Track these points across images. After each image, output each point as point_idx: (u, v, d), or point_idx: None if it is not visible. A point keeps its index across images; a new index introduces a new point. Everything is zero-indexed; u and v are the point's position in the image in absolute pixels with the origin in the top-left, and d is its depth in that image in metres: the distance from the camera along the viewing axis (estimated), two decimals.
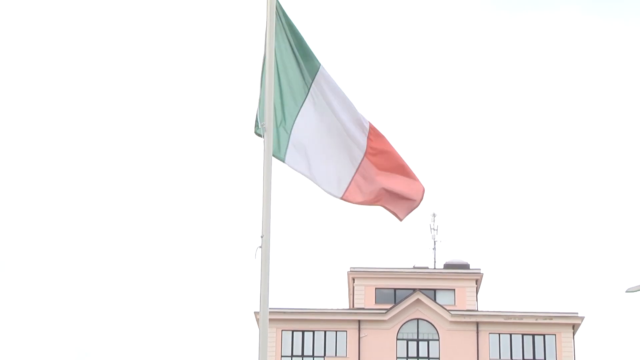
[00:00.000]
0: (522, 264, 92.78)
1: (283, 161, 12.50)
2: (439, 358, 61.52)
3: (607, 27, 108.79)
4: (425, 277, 64.09)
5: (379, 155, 12.70)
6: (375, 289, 64.17)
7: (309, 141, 12.82)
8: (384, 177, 12.61)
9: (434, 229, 66.58)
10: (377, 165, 12.65)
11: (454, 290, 63.94)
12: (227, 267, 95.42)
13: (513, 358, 61.25)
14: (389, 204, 12.45)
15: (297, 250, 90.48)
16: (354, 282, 64.78)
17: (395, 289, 63.84)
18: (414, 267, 65.29)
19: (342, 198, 12.52)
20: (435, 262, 66.06)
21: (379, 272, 64.63)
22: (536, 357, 61.17)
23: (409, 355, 61.80)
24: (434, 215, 67.25)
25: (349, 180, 12.66)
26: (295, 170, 12.64)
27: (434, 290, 63.51)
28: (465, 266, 65.18)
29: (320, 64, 13.03)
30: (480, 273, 64.78)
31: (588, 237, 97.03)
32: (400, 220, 12.45)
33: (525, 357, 61.19)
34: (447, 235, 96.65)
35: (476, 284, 64.63)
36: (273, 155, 12.42)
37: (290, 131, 12.81)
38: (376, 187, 12.57)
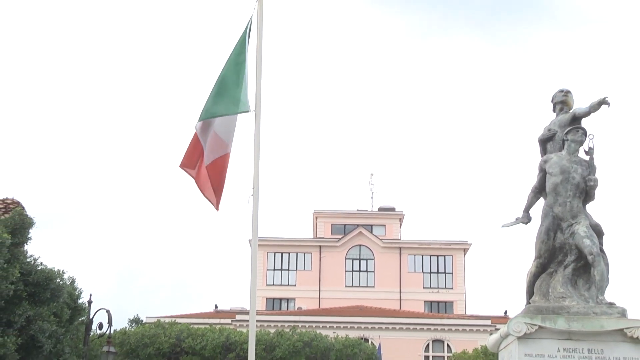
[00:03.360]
0: (431, 207, 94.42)
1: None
2: (374, 271, 62.13)
3: (492, 51, 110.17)
4: (365, 216, 65.08)
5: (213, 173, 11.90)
6: (332, 224, 64.80)
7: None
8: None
9: (371, 184, 68.26)
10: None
11: (385, 225, 64.64)
12: (230, 208, 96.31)
13: (423, 271, 61.95)
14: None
15: (278, 197, 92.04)
16: (316, 219, 65.56)
17: (345, 225, 64.33)
18: (358, 210, 66.20)
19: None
20: (372, 206, 67.19)
21: (334, 212, 65.43)
22: (439, 271, 61.98)
23: (354, 269, 62.37)
24: (371, 174, 69.23)
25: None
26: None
27: (371, 225, 64.18)
28: (392, 209, 66.12)
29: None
30: (402, 214, 65.93)
31: (476, 186, 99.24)
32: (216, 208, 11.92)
33: (431, 271, 61.99)
34: (380, 188, 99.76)
35: (400, 221, 65.52)
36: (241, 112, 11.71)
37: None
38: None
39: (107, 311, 25.61)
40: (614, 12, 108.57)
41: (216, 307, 59.07)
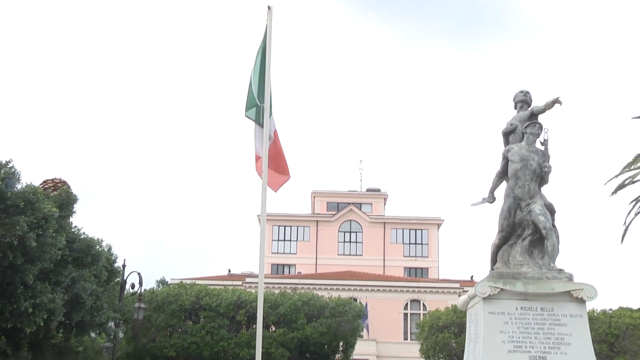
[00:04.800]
0: (411, 189, 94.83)
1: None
2: (362, 242, 61.90)
3: (462, 56, 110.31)
4: (355, 196, 64.83)
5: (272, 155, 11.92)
6: (327, 202, 64.48)
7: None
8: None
9: (360, 168, 68.43)
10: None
11: (372, 204, 64.42)
12: (241, 188, 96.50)
13: (403, 242, 61.73)
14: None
15: None
16: (314, 198, 65.32)
17: (338, 203, 64.03)
18: (349, 190, 65.92)
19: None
20: (361, 187, 66.91)
21: (329, 192, 65.13)
22: (416, 242, 61.78)
23: (345, 240, 62.11)
24: (361, 160, 70.08)
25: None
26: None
27: (360, 203, 63.95)
28: (378, 190, 65.93)
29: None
30: (387, 194, 65.72)
31: (449, 171, 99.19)
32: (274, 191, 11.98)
33: (410, 242, 61.78)
34: (368, 172, 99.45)
35: (384, 200, 65.27)
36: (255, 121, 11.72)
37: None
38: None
39: (139, 274, 25.79)
40: (557, 23, 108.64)
41: (229, 271, 59.07)
